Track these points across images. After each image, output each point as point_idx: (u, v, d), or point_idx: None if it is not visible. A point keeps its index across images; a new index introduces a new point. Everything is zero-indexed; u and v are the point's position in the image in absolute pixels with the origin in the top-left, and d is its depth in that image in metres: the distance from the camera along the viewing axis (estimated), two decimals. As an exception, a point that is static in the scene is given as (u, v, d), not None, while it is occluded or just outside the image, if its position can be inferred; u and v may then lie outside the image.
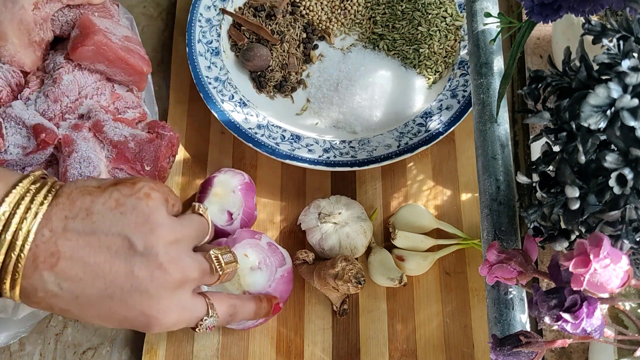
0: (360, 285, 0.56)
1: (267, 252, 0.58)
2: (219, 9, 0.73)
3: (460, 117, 0.65)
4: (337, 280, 0.56)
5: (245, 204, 0.63)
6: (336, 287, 0.57)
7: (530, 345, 0.38)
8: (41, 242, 0.41)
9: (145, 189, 0.45)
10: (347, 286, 0.56)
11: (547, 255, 0.61)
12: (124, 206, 0.43)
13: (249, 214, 0.63)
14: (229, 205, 0.62)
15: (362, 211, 0.63)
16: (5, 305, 0.56)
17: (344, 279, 0.56)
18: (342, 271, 0.56)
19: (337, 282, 0.57)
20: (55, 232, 0.42)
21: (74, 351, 0.62)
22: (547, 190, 0.39)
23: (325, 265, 0.58)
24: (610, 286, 0.34)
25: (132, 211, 0.43)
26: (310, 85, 0.71)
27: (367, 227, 0.61)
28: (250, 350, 0.60)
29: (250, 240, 0.58)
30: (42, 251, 0.41)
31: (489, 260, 0.40)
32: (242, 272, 0.56)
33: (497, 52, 0.53)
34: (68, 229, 0.42)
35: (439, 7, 0.71)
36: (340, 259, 0.57)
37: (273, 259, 0.58)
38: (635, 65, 0.35)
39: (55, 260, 0.41)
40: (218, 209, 0.62)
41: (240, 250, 0.57)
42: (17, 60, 0.61)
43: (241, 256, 0.56)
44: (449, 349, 0.59)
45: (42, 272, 0.41)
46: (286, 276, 0.58)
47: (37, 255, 0.41)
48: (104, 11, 0.65)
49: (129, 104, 0.64)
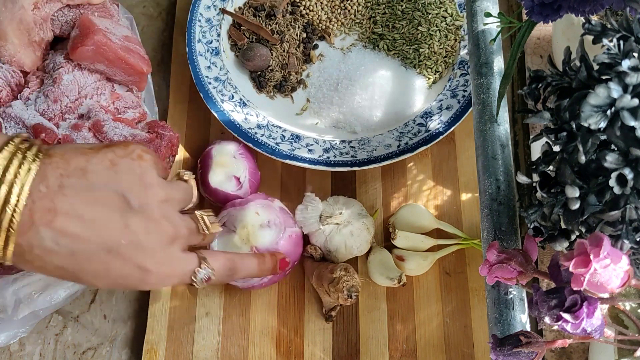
0: (351, 300, 0.57)
1: (278, 213, 0.60)
2: (218, 8, 0.73)
3: (460, 117, 0.65)
4: (331, 286, 0.57)
5: (249, 165, 0.64)
6: (328, 292, 0.57)
7: (530, 345, 0.38)
8: (37, 198, 0.41)
9: (138, 151, 0.46)
10: (338, 295, 0.57)
11: (547, 255, 0.61)
12: (118, 166, 0.45)
13: (254, 174, 0.65)
14: (234, 171, 0.63)
15: (361, 208, 0.63)
16: (5, 305, 0.56)
17: (338, 287, 0.57)
18: (338, 279, 0.57)
19: (330, 287, 0.57)
20: (51, 189, 0.42)
21: (73, 351, 0.62)
22: (547, 190, 0.39)
23: (325, 267, 0.58)
24: (610, 286, 0.34)
25: (127, 171, 0.45)
26: (310, 85, 0.71)
27: (369, 223, 0.62)
28: (250, 350, 0.60)
29: (262, 201, 0.61)
30: (39, 207, 0.41)
31: (489, 260, 0.40)
32: (252, 229, 0.58)
33: (497, 52, 0.53)
34: (64, 186, 0.42)
35: (439, 7, 0.71)
36: (341, 267, 0.58)
37: (282, 220, 0.60)
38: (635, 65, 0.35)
39: (52, 216, 0.42)
40: (225, 177, 0.63)
41: (252, 209, 0.59)
42: (17, 60, 0.61)
43: (252, 214, 0.59)
44: (449, 349, 0.59)
45: (39, 228, 0.41)
46: (294, 238, 0.60)
47: (33, 212, 0.41)
48: (103, 11, 0.65)
49: (128, 103, 0.64)
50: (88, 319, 0.63)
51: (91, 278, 0.45)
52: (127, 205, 0.44)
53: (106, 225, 0.43)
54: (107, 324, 0.63)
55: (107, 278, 0.45)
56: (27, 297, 0.56)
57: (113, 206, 0.44)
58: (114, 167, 0.45)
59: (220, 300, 0.62)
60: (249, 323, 0.61)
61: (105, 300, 0.64)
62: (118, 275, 0.45)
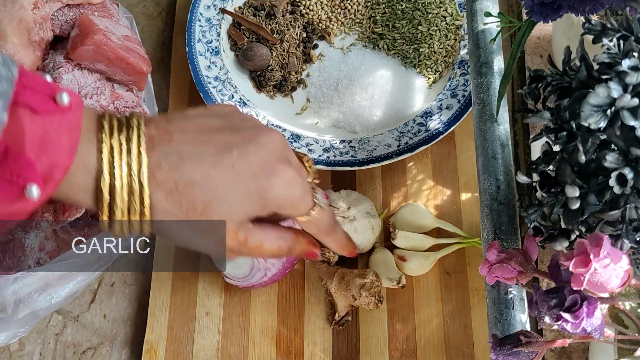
0: (379, 304, 0.58)
1: None
2: (218, 8, 0.73)
3: (461, 116, 0.65)
4: (363, 290, 0.57)
5: None
6: (356, 296, 0.58)
7: (530, 345, 0.38)
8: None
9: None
10: (370, 299, 0.57)
11: (547, 255, 0.61)
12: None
13: None
14: None
15: (371, 207, 0.62)
16: (5, 305, 0.56)
17: (371, 291, 0.57)
18: (370, 284, 0.58)
19: (361, 291, 0.57)
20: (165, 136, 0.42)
21: (73, 351, 0.62)
22: (547, 189, 0.39)
23: (352, 272, 0.59)
24: (610, 286, 0.34)
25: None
26: (310, 85, 0.71)
27: (375, 224, 0.61)
28: (250, 350, 0.60)
29: None
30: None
31: (489, 260, 0.40)
32: None
33: (497, 52, 0.53)
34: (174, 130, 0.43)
35: (439, 6, 0.71)
36: (372, 272, 0.59)
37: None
38: (635, 64, 0.35)
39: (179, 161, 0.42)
40: None
41: None
42: (16, 59, 0.61)
43: None
44: (449, 349, 0.59)
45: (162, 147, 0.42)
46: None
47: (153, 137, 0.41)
48: (103, 10, 0.65)
49: (128, 103, 0.64)
50: (88, 319, 0.63)
51: (222, 186, 0.43)
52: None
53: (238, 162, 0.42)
54: (107, 324, 0.63)
55: (241, 180, 0.43)
56: (27, 297, 0.56)
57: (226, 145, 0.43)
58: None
59: (220, 300, 0.62)
60: (249, 323, 0.61)
61: (105, 300, 0.64)
62: (251, 176, 0.43)
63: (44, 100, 0.39)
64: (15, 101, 0.37)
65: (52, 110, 0.39)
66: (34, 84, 0.39)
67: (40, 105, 0.38)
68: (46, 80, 0.41)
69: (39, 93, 0.39)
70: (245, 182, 0.43)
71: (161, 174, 0.42)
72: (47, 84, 0.40)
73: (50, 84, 0.41)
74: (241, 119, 0.45)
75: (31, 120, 0.38)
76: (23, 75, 0.39)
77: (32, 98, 0.38)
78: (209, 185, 0.43)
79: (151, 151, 0.41)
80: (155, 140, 0.42)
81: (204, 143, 0.43)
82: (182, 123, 0.44)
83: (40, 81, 0.40)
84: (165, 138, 0.42)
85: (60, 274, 0.57)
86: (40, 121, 0.38)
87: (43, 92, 0.39)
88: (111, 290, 0.64)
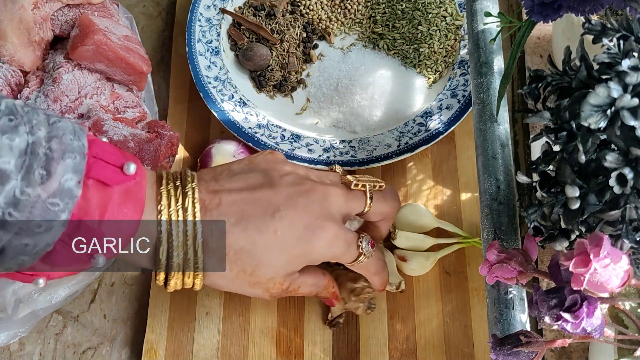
0: (369, 311, 0.58)
1: None
2: (218, 8, 0.73)
3: (461, 116, 0.65)
4: (353, 295, 0.57)
5: None
6: (346, 299, 0.58)
7: (530, 345, 0.38)
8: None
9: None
10: (358, 305, 0.57)
11: (547, 255, 0.61)
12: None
13: None
14: None
15: None
16: (5, 304, 0.56)
17: (360, 297, 0.57)
18: (361, 289, 0.57)
19: (351, 296, 0.57)
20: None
21: (73, 351, 0.62)
22: (547, 189, 0.39)
23: (346, 275, 0.58)
24: (610, 286, 0.34)
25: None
26: (310, 85, 0.71)
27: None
28: (250, 350, 0.60)
29: None
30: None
31: (489, 260, 0.40)
32: None
33: (497, 52, 0.53)
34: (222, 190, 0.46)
35: (439, 6, 0.71)
36: (364, 277, 0.58)
37: None
38: (635, 64, 0.35)
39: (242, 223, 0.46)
40: None
41: None
42: (16, 59, 0.61)
43: None
44: (449, 349, 0.59)
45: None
46: None
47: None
48: (103, 10, 0.65)
49: (128, 103, 0.64)
50: (88, 319, 0.63)
51: (280, 231, 0.46)
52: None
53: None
54: (107, 324, 0.63)
55: (298, 220, 0.47)
56: (27, 297, 0.56)
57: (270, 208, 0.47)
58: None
59: (220, 300, 0.62)
60: (249, 323, 0.61)
61: (105, 300, 0.64)
62: (305, 224, 0.47)
63: (114, 172, 0.40)
64: (87, 175, 0.39)
65: (121, 181, 0.40)
66: (103, 155, 0.40)
67: (111, 179, 0.40)
68: (115, 149, 0.42)
69: (109, 165, 0.40)
70: (288, 248, 0.47)
71: (212, 241, 0.45)
72: (116, 153, 0.42)
73: (119, 153, 0.42)
74: (280, 175, 0.48)
75: (101, 192, 0.39)
76: (92, 144, 0.40)
77: (103, 172, 0.40)
78: (256, 252, 0.46)
79: (203, 217, 0.44)
80: (207, 207, 0.45)
81: (249, 203, 0.46)
82: (228, 182, 0.47)
83: (109, 151, 0.41)
84: (214, 202, 0.45)
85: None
86: (109, 193, 0.40)
87: (113, 164, 0.41)
88: (111, 290, 0.64)
